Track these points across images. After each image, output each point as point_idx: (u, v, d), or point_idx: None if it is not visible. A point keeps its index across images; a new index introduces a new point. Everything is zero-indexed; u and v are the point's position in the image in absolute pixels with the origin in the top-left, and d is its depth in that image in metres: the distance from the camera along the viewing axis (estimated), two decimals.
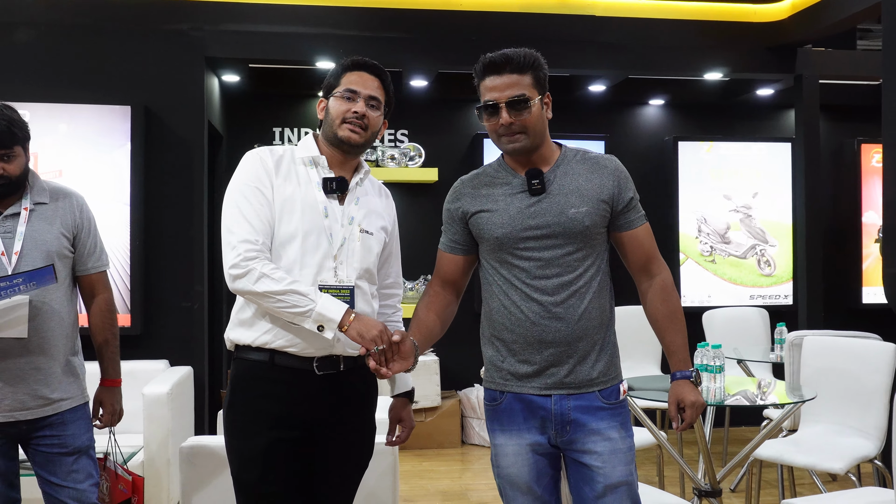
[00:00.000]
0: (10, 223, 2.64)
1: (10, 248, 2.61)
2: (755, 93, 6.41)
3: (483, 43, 5.28)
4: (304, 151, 2.29)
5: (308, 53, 5.21)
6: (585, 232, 2.26)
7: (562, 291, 2.25)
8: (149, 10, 4.99)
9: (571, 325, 2.24)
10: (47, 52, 4.87)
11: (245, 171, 2.23)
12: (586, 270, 2.28)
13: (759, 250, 6.64)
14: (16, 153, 2.60)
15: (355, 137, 2.25)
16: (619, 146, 6.56)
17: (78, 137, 4.76)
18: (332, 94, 2.28)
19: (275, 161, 2.24)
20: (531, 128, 2.25)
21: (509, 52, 2.26)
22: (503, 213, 2.29)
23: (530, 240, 2.26)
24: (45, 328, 2.64)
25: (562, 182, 2.30)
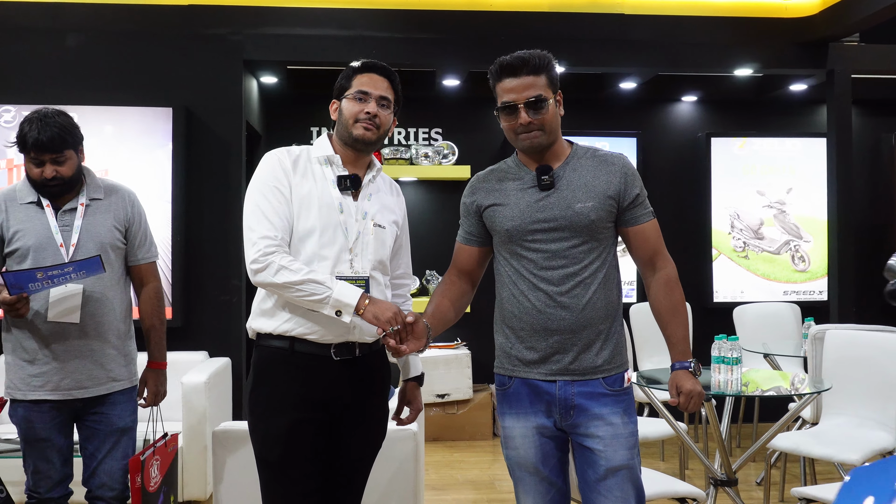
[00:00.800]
0: (68, 217, 2.88)
1: (68, 240, 2.86)
2: (789, 88, 6.40)
3: (513, 42, 5.38)
4: (319, 151, 2.43)
5: (342, 55, 5.37)
6: (591, 226, 2.36)
7: (567, 282, 2.35)
8: (190, 15, 5.19)
9: (576, 314, 2.35)
10: (94, 57, 5.11)
11: (264, 172, 2.37)
12: (592, 262, 2.38)
13: (794, 246, 6.62)
14: (67, 156, 2.83)
15: (369, 135, 2.39)
16: (652, 143, 6.61)
17: (123, 138, 4.99)
18: (345, 95, 2.41)
19: (292, 161, 2.39)
20: (547, 125, 2.37)
21: (524, 54, 2.37)
22: (514, 206, 2.41)
23: (538, 232, 2.37)
24: (98, 314, 2.88)
25: (570, 178, 2.41)
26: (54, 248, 2.83)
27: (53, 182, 2.82)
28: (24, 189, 2.89)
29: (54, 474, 2.85)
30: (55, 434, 2.85)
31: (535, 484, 2.42)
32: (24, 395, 2.83)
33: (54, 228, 2.85)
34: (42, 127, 2.77)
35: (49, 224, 2.85)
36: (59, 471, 2.86)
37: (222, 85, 5.18)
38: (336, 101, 2.46)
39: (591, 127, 6.55)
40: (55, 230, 2.85)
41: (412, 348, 2.28)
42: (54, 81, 5.08)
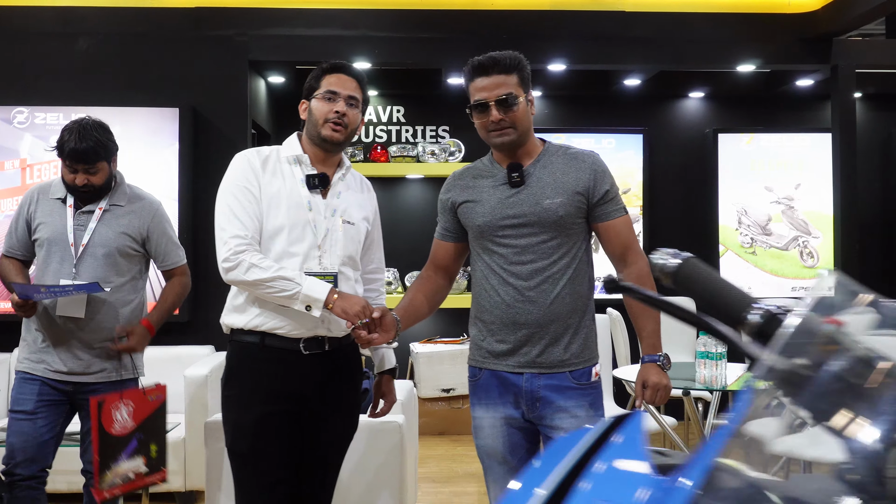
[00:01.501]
0: (84, 218, 3.09)
1: (80, 239, 3.06)
2: (797, 84, 6.37)
3: (515, 39, 5.46)
4: (288, 151, 2.51)
5: (346, 55, 5.45)
6: (560, 221, 2.42)
7: (535, 277, 2.42)
8: (196, 18, 5.31)
9: (543, 309, 2.41)
10: (104, 60, 5.24)
11: (234, 172, 2.46)
12: (561, 258, 2.44)
13: (802, 242, 6.60)
14: (99, 168, 3.05)
15: (337, 136, 2.47)
16: (659, 140, 6.62)
17: (131, 138, 5.11)
18: (314, 95, 2.49)
19: (261, 161, 2.47)
20: (518, 123, 2.44)
21: (496, 54, 2.45)
22: (485, 203, 2.48)
23: (508, 228, 2.44)
24: (100, 312, 3.09)
25: (540, 175, 2.47)
26: (66, 244, 3.02)
27: (84, 189, 3.05)
28: (57, 185, 3.13)
29: (29, 449, 3.00)
30: (42, 410, 3.04)
31: (504, 473, 2.49)
32: (25, 367, 3.08)
33: (70, 227, 3.06)
34: (79, 139, 2.98)
35: (66, 221, 3.03)
36: (34, 448, 3.01)
37: (228, 85, 5.29)
38: (305, 101, 2.54)
39: (597, 123, 6.57)
40: (70, 229, 3.06)
41: (380, 340, 2.36)
42: (66, 83, 5.22)
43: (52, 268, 3.07)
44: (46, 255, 3.08)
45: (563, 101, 6.63)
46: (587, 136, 6.49)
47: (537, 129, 6.70)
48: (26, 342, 3.13)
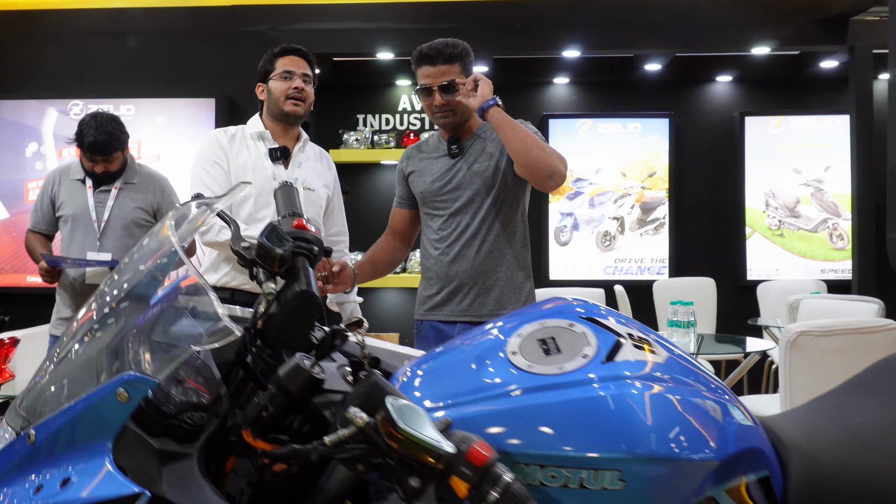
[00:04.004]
0: (103, 196, 3.52)
1: (101, 215, 3.49)
2: (825, 65, 6.37)
3: (532, 28, 5.68)
4: (251, 128, 2.85)
5: (370, 46, 5.80)
6: (489, 181, 2.70)
7: (465, 233, 2.69)
8: (232, 15, 5.74)
9: (472, 262, 2.68)
10: (149, 55, 5.73)
11: (204, 149, 2.81)
12: (492, 217, 2.71)
13: (832, 224, 6.59)
14: (115, 157, 3.48)
15: (298, 110, 2.79)
16: (686, 123, 6.71)
17: (172, 127, 5.58)
18: (271, 77, 2.81)
19: (228, 138, 2.81)
20: (458, 106, 2.70)
21: (440, 45, 2.72)
22: (427, 172, 2.77)
23: (445, 193, 2.73)
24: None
25: (475, 146, 2.75)
26: (88, 220, 3.46)
27: (103, 174, 3.49)
28: (76, 167, 3.57)
29: None
30: None
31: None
32: (58, 331, 3.49)
33: (91, 205, 3.48)
34: (97, 133, 3.38)
35: (87, 200, 3.45)
36: None
37: None
38: (262, 83, 2.86)
39: (623, 109, 6.71)
40: (91, 206, 3.48)
41: (338, 290, 2.67)
42: (115, 77, 5.73)
43: (77, 241, 3.49)
44: (71, 230, 3.50)
45: (588, 87, 6.79)
46: (613, 120, 6.65)
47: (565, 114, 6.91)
48: (58, 308, 3.56)
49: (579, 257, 6.61)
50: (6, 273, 5.63)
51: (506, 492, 0.85)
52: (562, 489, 0.95)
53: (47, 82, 5.76)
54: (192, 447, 0.98)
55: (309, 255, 1.25)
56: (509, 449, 0.97)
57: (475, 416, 1.00)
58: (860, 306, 4.01)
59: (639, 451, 0.96)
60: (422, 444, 0.86)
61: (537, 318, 1.14)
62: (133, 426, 0.96)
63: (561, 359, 1.05)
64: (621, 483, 0.96)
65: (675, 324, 3.75)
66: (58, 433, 0.94)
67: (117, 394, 0.93)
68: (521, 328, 1.12)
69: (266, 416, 1.02)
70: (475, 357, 1.10)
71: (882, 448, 1.19)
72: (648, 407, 1.00)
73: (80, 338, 1.05)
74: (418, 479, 0.88)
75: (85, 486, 0.88)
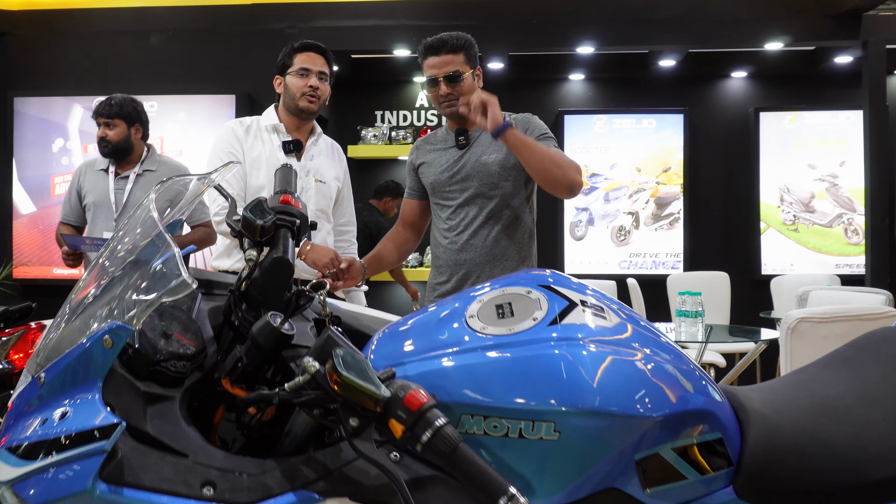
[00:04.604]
0: (122, 183, 3.68)
1: (120, 201, 3.65)
2: (840, 61, 6.39)
3: (547, 24, 5.75)
4: (266, 120, 2.95)
5: (387, 43, 5.90)
6: (497, 174, 2.77)
7: (474, 223, 2.77)
8: (251, 13, 5.86)
9: (480, 251, 2.76)
10: (172, 53, 5.87)
11: (221, 139, 2.91)
12: (499, 207, 2.78)
13: (847, 219, 6.61)
14: (116, 124, 3.64)
15: (312, 107, 2.89)
16: (700, 119, 6.76)
17: (194, 123, 5.72)
18: (288, 72, 2.90)
19: (244, 129, 2.91)
20: (464, 96, 2.77)
21: (445, 36, 2.80)
22: (436, 164, 2.85)
23: (453, 184, 2.80)
24: None
25: (483, 137, 2.82)
26: (108, 204, 3.60)
27: (103, 143, 3.64)
28: (101, 158, 3.76)
29: None
30: None
31: None
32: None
33: (111, 190, 3.62)
34: (106, 101, 3.69)
35: (108, 186, 3.60)
36: None
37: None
38: (279, 76, 2.95)
39: (637, 104, 6.77)
40: (111, 191, 3.61)
41: (349, 284, 2.76)
42: (139, 75, 5.87)
43: (98, 225, 3.65)
44: (93, 215, 3.66)
45: (603, 84, 6.85)
46: (628, 116, 6.71)
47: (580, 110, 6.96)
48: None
49: (594, 252, 6.67)
50: (33, 265, 5.79)
51: (437, 434, 0.94)
52: (503, 438, 1.04)
53: (73, 80, 5.92)
54: (175, 391, 1.11)
55: (290, 227, 1.37)
56: (457, 400, 1.06)
57: (428, 371, 1.10)
58: (869, 297, 4.05)
59: (572, 404, 1.04)
60: (361, 389, 0.95)
61: (502, 285, 1.24)
62: (121, 370, 1.09)
63: (512, 321, 1.15)
64: (556, 433, 1.04)
65: (684, 313, 3.81)
66: (60, 375, 1.09)
67: (104, 340, 1.06)
68: (483, 295, 1.22)
69: (241, 366, 1.15)
70: (438, 320, 1.21)
71: (845, 417, 1.24)
72: (584, 365, 1.08)
73: (80, 298, 1.21)
74: (357, 419, 0.97)
75: (77, 418, 1.03)
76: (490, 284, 1.27)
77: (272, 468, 1.04)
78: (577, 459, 1.06)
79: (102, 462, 0.99)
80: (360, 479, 1.02)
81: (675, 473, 1.11)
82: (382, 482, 0.98)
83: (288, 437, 1.12)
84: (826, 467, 1.17)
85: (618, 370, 1.10)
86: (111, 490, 0.98)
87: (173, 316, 1.18)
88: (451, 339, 1.15)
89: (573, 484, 1.07)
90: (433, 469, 1.05)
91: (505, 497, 0.92)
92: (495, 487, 0.92)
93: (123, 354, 1.11)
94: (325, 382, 0.98)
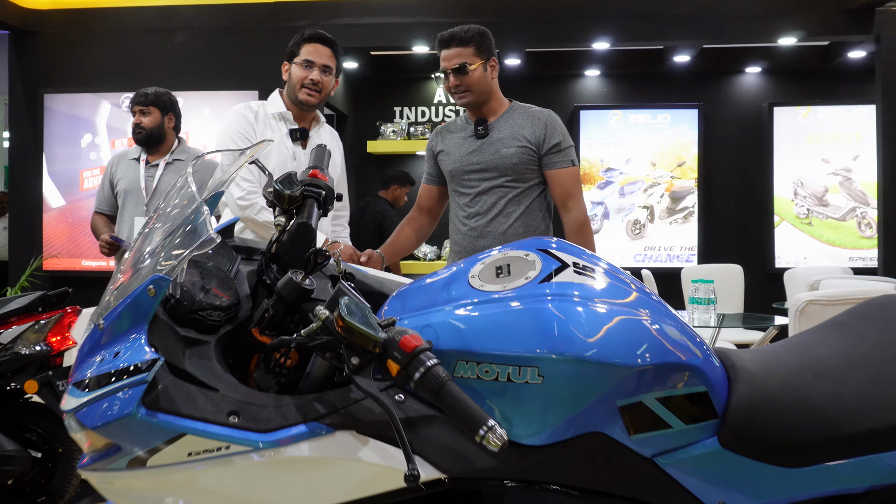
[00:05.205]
0: (152, 170, 3.85)
1: (150, 187, 3.81)
2: (854, 56, 6.45)
3: (562, 21, 5.86)
4: (273, 108, 3.00)
5: (406, 40, 6.02)
6: (514, 168, 2.88)
7: (491, 211, 2.89)
8: (274, 11, 6.01)
9: (497, 238, 2.88)
10: (197, 50, 6.02)
11: (235, 122, 2.93)
12: (516, 198, 2.89)
13: (860, 213, 6.67)
14: (150, 111, 3.83)
15: (311, 100, 2.94)
16: (715, 114, 6.84)
17: (217, 118, 5.86)
18: (294, 61, 2.95)
19: (254, 114, 2.97)
20: (474, 87, 2.89)
21: (455, 30, 2.92)
22: (455, 152, 2.96)
23: (472, 173, 2.91)
24: None
25: (501, 128, 2.93)
26: (138, 191, 3.77)
27: (138, 129, 3.81)
28: (133, 149, 3.94)
29: None
30: None
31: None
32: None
33: (141, 176, 3.81)
34: (142, 91, 3.86)
35: (140, 174, 3.77)
36: None
37: None
38: (287, 63, 3.00)
39: (652, 100, 6.86)
40: (142, 178, 3.80)
41: None
42: (165, 71, 6.02)
43: (128, 210, 3.80)
44: (124, 201, 3.83)
45: (618, 79, 6.95)
46: (643, 111, 6.80)
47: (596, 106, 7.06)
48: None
49: (610, 245, 6.77)
50: (63, 257, 5.96)
51: (427, 372, 1.06)
52: (494, 382, 1.15)
53: (101, 77, 6.08)
54: (210, 337, 1.26)
55: (317, 198, 1.54)
56: (453, 347, 1.18)
57: (429, 322, 1.23)
58: (879, 286, 4.13)
59: (554, 351, 1.15)
60: (361, 332, 1.08)
61: (505, 249, 1.37)
62: (164, 317, 1.25)
63: (508, 280, 1.27)
64: (541, 378, 1.15)
65: (696, 301, 3.90)
66: (114, 322, 1.25)
67: (148, 290, 1.22)
68: (487, 258, 1.35)
69: (268, 317, 1.31)
70: (445, 280, 1.34)
71: (830, 375, 1.32)
72: (568, 316, 1.19)
73: (130, 260, 1.39)
74: (358, 358, 1.11)
75: (126, 356, 1.19)
76: (497, 249, 1.39)
77: (289, 403, 1.18)
78: (559, 402, 1.16)
79: (144, 391, 1.15)
80: (365, 416, 1.15)
81: (659, 422, 1.20)
82: (385, 418, 1.10)
83: (307, 378, 1.26)
84: (805, 421, 1.25)
85: (599, 322, 1.20)
86: (150, 414, 1.14)
87: (212, 274, 1.35)
88: (453, 296, 1.28)
89: (556, 425, 1.17)
90: (433, 410, 1.17)
91: (485, 427, 1.02)
92: (477, 419, 1.03)
93: (166, 304, 1.27)
94: (333, 327, 1.11)
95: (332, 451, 1.15)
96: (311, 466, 1.15)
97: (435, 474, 1.15)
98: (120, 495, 1.22)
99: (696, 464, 1.22)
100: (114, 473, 1.19)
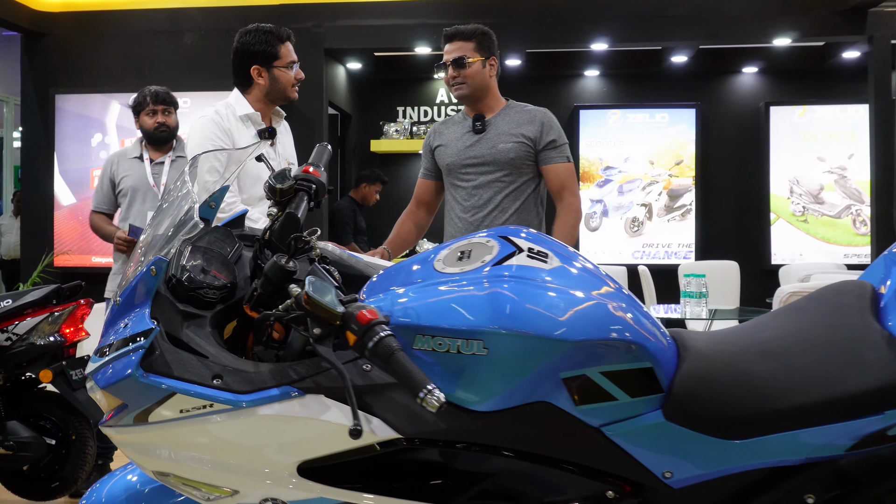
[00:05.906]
0: (158, 168, 3.91)
1: (159, 182, 3.87)
2: (850, 56, 6.56)
3: (562, 22, 5.98)
4: (241, 110, 3.00)
5: (408, 41, 6.16)
6: (511, 162, 3.00)
7: (487, 206, 3.01)
8: (279, 13, 6.15)
9: None
10: (204, 51, 6.16)
11: (208, 132, 2.93)
12: (511, 193, 3.01)
13: (855, 210, 6.78)
14: (171, 111, 3.90)
15: (296, 96, 3.07)
16: (712, 113, 6.96)
17: None
18: (274, 65, 3.00)
19: (226, 120, 2.96)
20: (470, 80, 3.01)
21: (460, 26, 3.05)
22: (453, 147, 3.08)
23: (469, 167, 3.03)
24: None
25: (499, 125, 3.05)
26: (147, 189, 3.86)
27: (162, 129, 3.85)
28: (132, 147, 4.00)
29: None
30: None
31: None
32: (111, 295, 3.86)
33: (148, 175, 3.87)
34: (157, 90, 3.89)
35: (146, 172, 3.87)
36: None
37: (306, 71, 5.99)
38: (261, 67, 3.01)
39: (650, 99, 6.98)
40: (149, 176, 3.89)
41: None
42: (173, 72, 6.16)
43: (136, 209, 3.88)
44: (130, 200, 3.87)
45: (617, 79, 7.08)
46: (641, 111, 6.92)
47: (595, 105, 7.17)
48: (117, 275, 3.88)
49: (608, 242, 6.90)
50: (73, 254, 6.10)
51: (379, 342, 1.19)
52: (446, 354, 1.28)
53: (111, 77, 6.23)
54: (206, 313, 1.42)
55: (308, 191, 1.70)
56: (413, 322, 1.31)
57: (394, 301, 1.36)
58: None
59: (495, 325, 1.28)
60: (322, 306, 1.23)
61: (471, 236, 1.51)
62: (166, 293, 1.41)
63: (466, 263, 1.40)
64: (485, 350, 1.27)
65: (689, 294, 4.02)
66: (126, 298, 1.44)
67: (151, 270, 1.41)
68: (454, 244, 1.49)
69: (256, 295, 1.46)
70: (414, 264, 1.48)
71: (777, 354, 1.39)
72: (513, 293, 1.31)
73: (140, 245, 1.59)
74: (321, 329, 1.26)
75: (132, 326, 1.37)
76: (464, 237, 1.54)
77: (266, 369, 1.34)
78: (502, 372, 1.28)
79: (143, 355, 1.32)
80: (332, 382, 1.30)
81: (604, 394, 1.29)
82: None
83: (288, 349, 1.44)
84: (743, 396, 1.33)
85: (539, 299, 1.31)
86: (145, 376, 1.32)
87: (213, 257, 1.51)
88: (417, 277, 1.43)
89: (501, 394, 1.28)
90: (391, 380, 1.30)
91: (425, 390, 1.15)
92: (418, 383, 1.16)
93: (169, 282, 1.44)
94: (302, 303, 1.27)
95: (300, 411, 1.30)
96: (282, 424, 1.31)
97: (392, 434, 1.29)
98: (131, 447, 1.41)
99: (642, 434, 1.31)
100: (123, 429, 1.38)
